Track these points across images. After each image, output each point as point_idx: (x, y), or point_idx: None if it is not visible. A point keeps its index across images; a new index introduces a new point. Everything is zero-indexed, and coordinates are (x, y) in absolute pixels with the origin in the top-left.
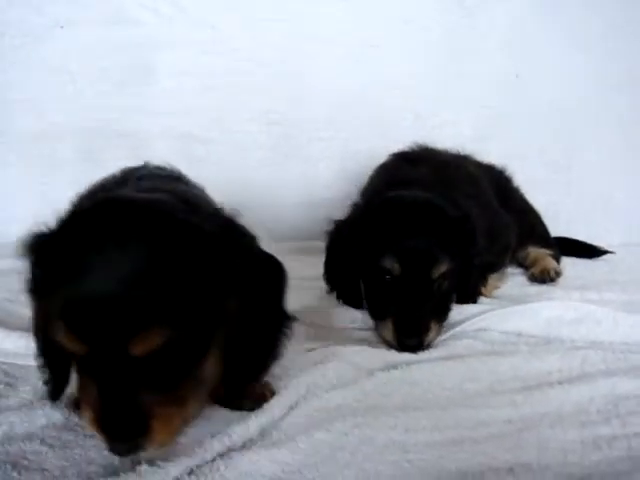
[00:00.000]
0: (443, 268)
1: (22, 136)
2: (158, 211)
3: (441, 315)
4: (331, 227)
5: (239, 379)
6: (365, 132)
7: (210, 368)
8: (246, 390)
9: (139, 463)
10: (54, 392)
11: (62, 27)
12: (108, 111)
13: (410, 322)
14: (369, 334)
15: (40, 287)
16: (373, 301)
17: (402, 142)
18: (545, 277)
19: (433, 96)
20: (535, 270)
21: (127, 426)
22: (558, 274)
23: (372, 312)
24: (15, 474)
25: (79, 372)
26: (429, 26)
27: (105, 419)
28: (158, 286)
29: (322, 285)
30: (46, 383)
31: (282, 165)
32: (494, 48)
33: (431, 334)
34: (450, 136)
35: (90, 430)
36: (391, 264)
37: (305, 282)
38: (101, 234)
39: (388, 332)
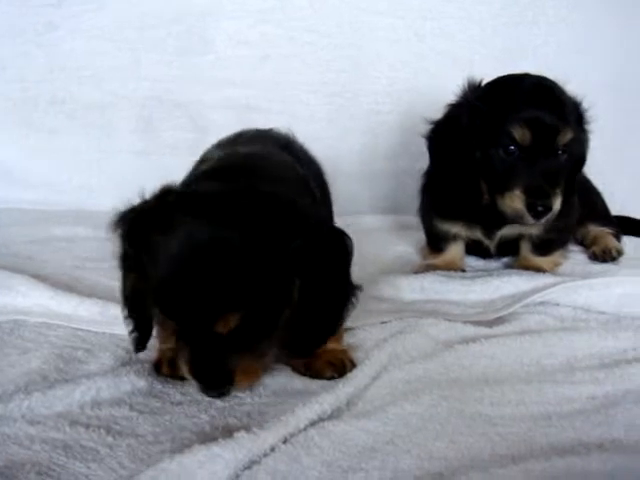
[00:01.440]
0: (568, 136)
1: (80, 104)
2: (233, 205)
3: (562, 187)
4: (431, 127)
5: (305, 343)
6: (423, 105)
7: (283, 330)
8: (326, 357)
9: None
10: (138, 344)
11: None
12: (165, 81)
13: (540, 187)
14: (438, 306)
15: (132, 265)
16: (495, 177)
17: None
18: (607, 256)
19: (492, 69)
20: (596, 249)
21: (216, 378)
22: (620, 253)
23: (494, 188)
24: (110, 438)
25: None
26: None
27: (197, 373)
28: (235, 276)
29: (384, 260)
30: (131, 333)
31: (341, 137)
32: (553, 21)
33: (557, 200)
34: None
35: (186, 375)
36: (520, 133)
37: (369, 255)
38: (184, 227)
39: (516, 201)
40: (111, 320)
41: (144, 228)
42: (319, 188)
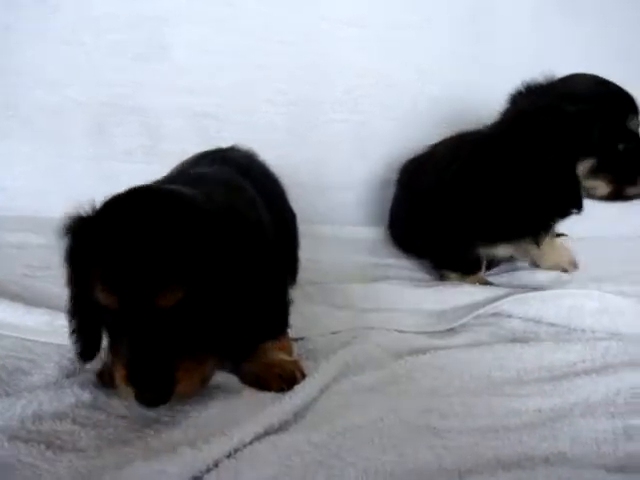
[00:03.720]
0: None
1: (34, 109)
2: (176, 199)
3: None
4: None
5: (237, 347)
6: (381, 115)
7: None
8: (276, 369)
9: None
10: (85, 354)
11: None
12: (121, 86)
13: None
14: (391, 315)
15: (78, 258)
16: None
17: (418, 126)
18: None
19: (452, 81)
20: None
21: (155, 377)
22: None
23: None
24: (50, 454)
25: (111, 332)
26: (451, 10)
27: (135, 372)
28: (175, 255)
29: (340, 269)
30: (76, 344)
31: (298, 147)
32: (516, 32)
33: None
34: (468, 122)
35: (120, 384)
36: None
37: (325, 265)
38: (131, 216)
39: None
40: (58, 330)
41: (92, 225)
42: (277, 211)
